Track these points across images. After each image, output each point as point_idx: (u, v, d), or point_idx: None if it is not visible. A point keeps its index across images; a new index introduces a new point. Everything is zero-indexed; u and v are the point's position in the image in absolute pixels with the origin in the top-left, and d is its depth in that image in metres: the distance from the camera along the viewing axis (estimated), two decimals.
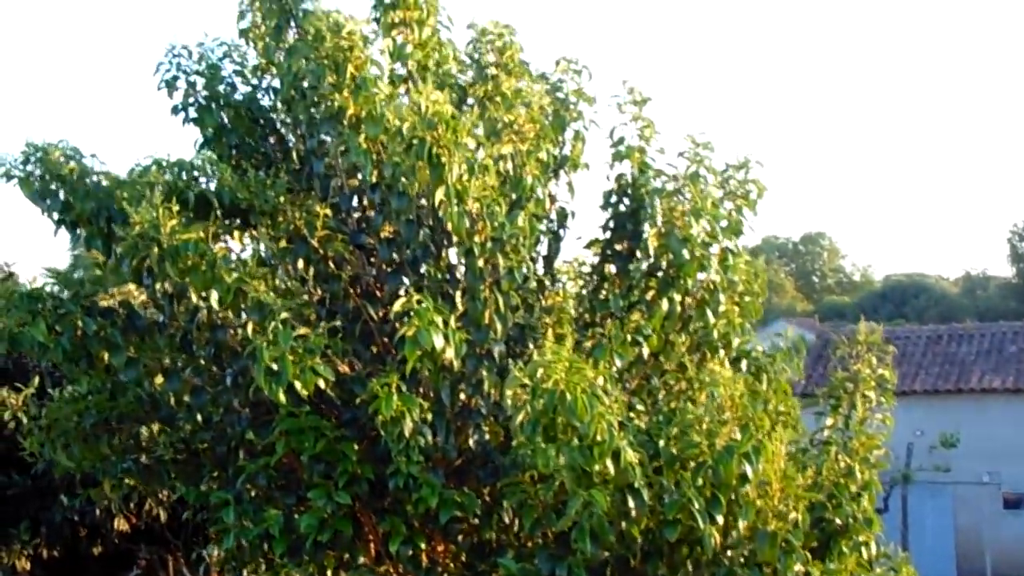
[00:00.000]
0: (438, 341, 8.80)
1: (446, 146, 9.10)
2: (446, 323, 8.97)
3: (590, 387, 8.27)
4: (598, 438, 8.19)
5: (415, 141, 9.09)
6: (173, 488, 11.34)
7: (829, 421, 10.61)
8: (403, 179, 9.28)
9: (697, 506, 8.51)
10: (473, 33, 11.17)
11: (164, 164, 10.18)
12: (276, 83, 11.15)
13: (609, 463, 8.30)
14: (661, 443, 8.92)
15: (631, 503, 8.54)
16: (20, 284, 16.76)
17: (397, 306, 8.94)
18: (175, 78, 11.10)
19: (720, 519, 8.66)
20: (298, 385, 9.00)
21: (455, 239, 9.43)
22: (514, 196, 9.90)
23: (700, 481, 8.62)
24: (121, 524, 15.52)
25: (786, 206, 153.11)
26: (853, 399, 10.58)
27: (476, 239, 9.37)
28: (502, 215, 9.39)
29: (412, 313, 8.80)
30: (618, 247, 10.98)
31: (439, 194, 9.10)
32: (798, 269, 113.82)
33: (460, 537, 9.96)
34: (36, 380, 14.41)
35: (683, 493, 8.57)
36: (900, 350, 32.85)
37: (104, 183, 10.23)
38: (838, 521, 9.71)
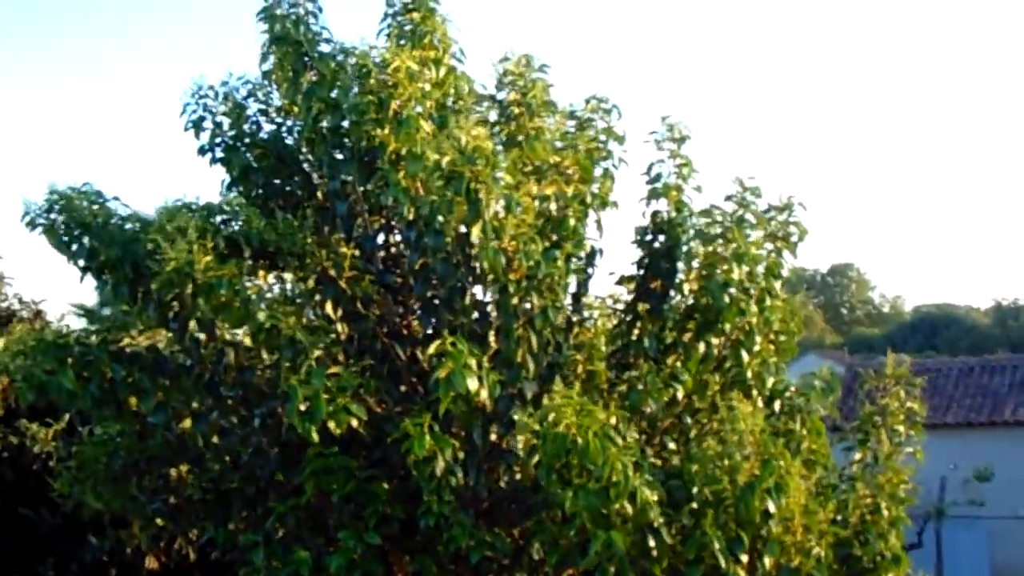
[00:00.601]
0: (472, 383, 8.77)
1: (484, 182, 9.09)
2: (480, 365, 8.94)
3: (602, 429, 8.21)
4: (613, 479, 8.14)
5: (454, 176, 9.09)
6: (202, 528, 11.33)
7: (857, 456, 10.50)
8: (439, 216, 9.26)
9: (718, 545, 8.45)
10: (498, 71, 11.14)
11: (194, 207, 10.20)
12: (300, 123, 11.16)
13: (627, 503, 8.25)
14: (695, 489, 8.85)
15: (651, 542, 8.48)
16: (48, 322, 16.87)
17: (432, 348, 8.90)
18: (201, 119, 11.11)
19: (744, 557, 8.58)
20: (331, 424, 8.98)
21: (490, 277, 9.39)
22: (555, 237, 9.84)
23: (723, 518, 8.55)
24: (151, 563, 15.51)
25: (813, 237, 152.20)
26: (881, 433, 10.47)
27: (511, 277, 9.34)
28: (538, 254, 9.34)
29: (446, 355, 8.77)
30: (652, 285, 10.88)
31: (476, 231, 9.09)
32: (826, 301, 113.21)
33: None
34: (66, 417, 14.49)
35: (704, 532, 8.50)
36: (931, 382, 32.51)
37: (128, 227, 10.25)
38: (866, 559, 9.59)
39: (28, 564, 15.83)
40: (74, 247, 10.30)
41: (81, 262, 10.36)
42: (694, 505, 8.83)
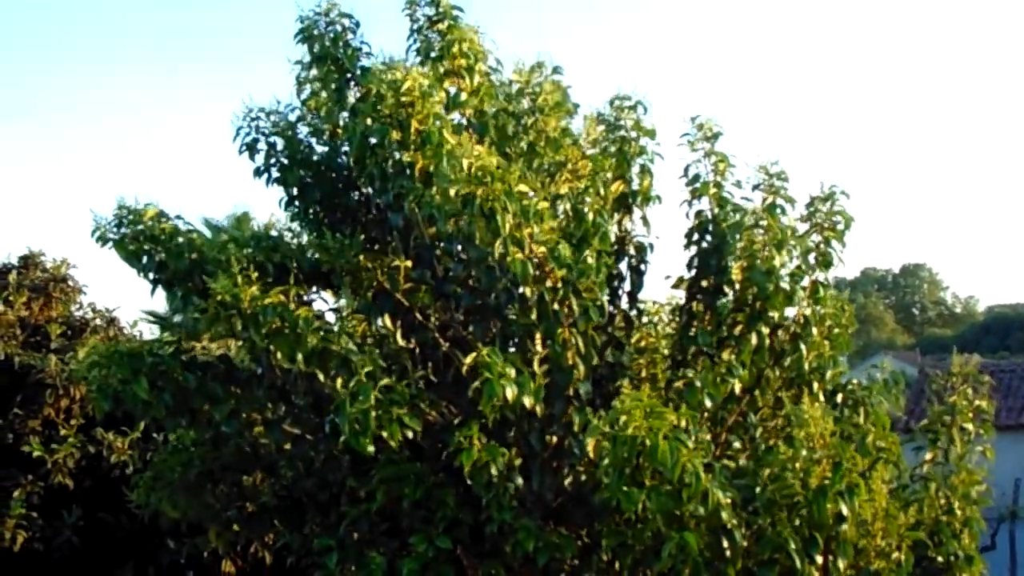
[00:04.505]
0: (509, 392, 8.91)
1: (496, 198, 9.16)
2: (520, 371, 9.06)
3: (672, 431, 8.27)
4: (685, 480, 8.20)
5: (467, 199, 9.18)
6: (278, 534, 11.49)
7: (928, 455, 10.44)
8: (476, 230, 9.37)
9: (794, 546, 8.47)
10: (512, 81, 11.18)
11: (239, 240, 10.37)
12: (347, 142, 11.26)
13: (699, 504, 8.30)
14: (758, 489, 8.88)
15: (725, 544, 8.54)
16: (122, 329, 17.19)
17: (468, 360, 9.05)
18: (255, 140, 11.30)
19: (819, 558, 8.60)
20: (386, 436, 9.13)
21: (525, 287, 9.45)
22: (578, 235, 9.87)
23: (797, 521, 8.56)
24: (227, 567, 15.74)
25: (885, 237, 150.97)
26: (951, 432, 10.41)
27: (547, 284, 9.41)
28: (568, 257, 9.41)
29: (481, 366, 8.91)
30: (704, 283, 10.93)
31: (497, 246, 9.20)
32: (898, 301, 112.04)
33: None
34: (141, 425, 14.77)
35: (779, 533, 8.54)
36: (1006, 384, 32.02)
37: (196, 241, 10.42)
38: (940, 559, 9.56)
39: (107, 568, 16.13)
40: (144, 260, 10.51)
41: (151, 275, 10.57)
42: (766, 505, 8.85)
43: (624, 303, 11.04)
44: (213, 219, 11.97)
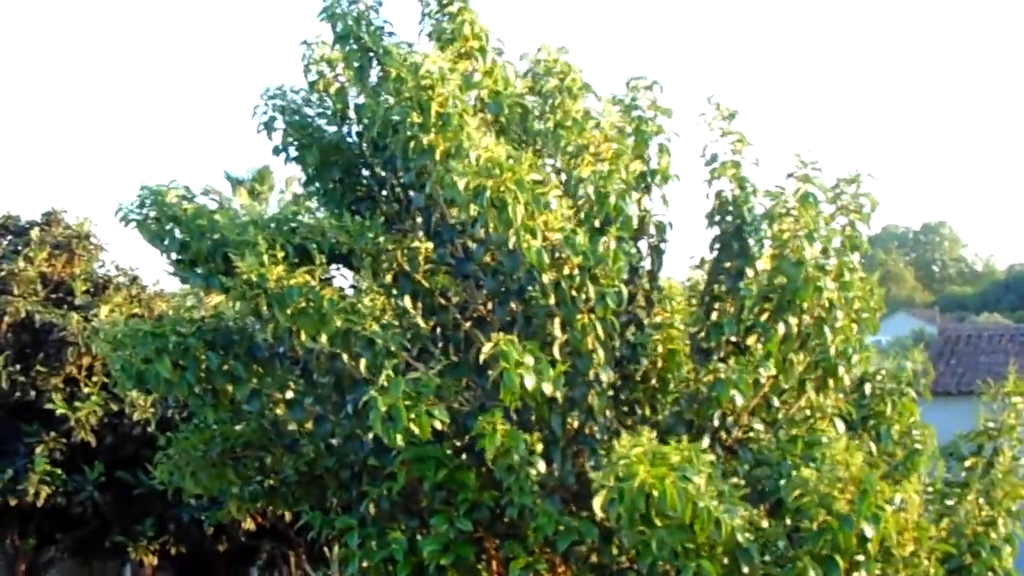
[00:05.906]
0: (528, 381, 8.88)
1: (507, 189, 9.09)
2: (539, 359, 9.02)
3: (678, 473, 8.18)
4: (696, 515, 8.15)
5: (478, 190, 9.10)
6: (299, 512, 11.52)
7: (968, 463, 10.36)
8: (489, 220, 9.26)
9: (814, 574, 8.46)
10: (527, 63, 11.04)
11: (259, 223, 10.31)
12: (359, 126, 11.28)
13: (713, 531, 8.24)
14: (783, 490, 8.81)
15: (744, 568, 8.55)
16: (144, 287, 17.22)
17: (486, 350, 9.01)
18: (272, 119, 11.31)
19: None
20: (414, 427, 9.10)
21: (542, 274, 9.37)
22: (600, 219, 9.78)
23: (819, 544, 8.52)
24: (248, 523, 15.90)
25: (906, 195, 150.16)
26: (996, 444, 10.31)
27: (564, 271, 9.35)
28: (584, 244, 9.33)
29: (499, 356, 8.86)
30: (726, 265, 10.83)
31: (511, 235, 9.15)
32: (918, 259, 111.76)
33: (581, 562, 9.99)
34: None
35: (798, 561, 8.52)
36: None
37: (219, 219, 10.33)
38: (976, 571, 9.47)
39: (128, 523, 16.30)
40: (166, 241, 10.48)
41: (173, 255, 10.54)
42: (787, 521, 8.83)
43: (644, 283, 10.95)
44: (234, 175, 12.00)
